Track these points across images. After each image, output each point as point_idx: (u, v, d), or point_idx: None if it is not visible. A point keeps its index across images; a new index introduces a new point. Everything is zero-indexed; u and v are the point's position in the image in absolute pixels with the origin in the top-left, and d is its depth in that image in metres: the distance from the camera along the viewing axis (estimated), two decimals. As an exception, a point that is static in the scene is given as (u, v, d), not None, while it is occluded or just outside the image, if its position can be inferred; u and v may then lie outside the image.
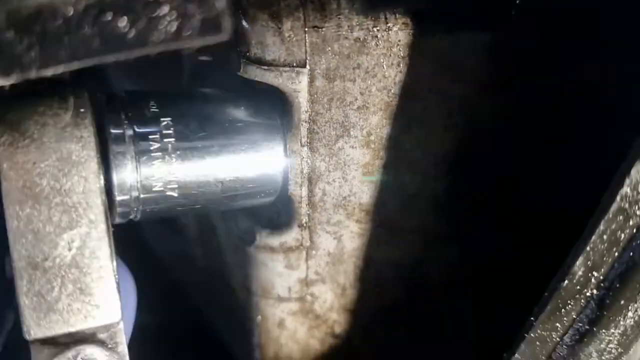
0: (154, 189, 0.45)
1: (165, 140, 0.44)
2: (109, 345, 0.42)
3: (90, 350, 0.41)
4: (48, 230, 0.39)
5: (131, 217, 0.48)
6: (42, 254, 0.39)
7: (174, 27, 0.32)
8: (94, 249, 0.40)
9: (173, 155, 0.45)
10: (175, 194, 0.46)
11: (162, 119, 0.45)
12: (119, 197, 0.45)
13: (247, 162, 0.48)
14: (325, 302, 0.60)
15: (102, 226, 0.40)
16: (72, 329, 0.40)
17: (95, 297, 0.40)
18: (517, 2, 0.45)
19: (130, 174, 0.44)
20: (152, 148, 0.44)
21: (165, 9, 0.32)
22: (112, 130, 0.44)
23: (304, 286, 0.58)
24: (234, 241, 0.59)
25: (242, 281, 0.60)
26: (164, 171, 0.45)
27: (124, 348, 0.42)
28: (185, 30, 0.32)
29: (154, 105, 0.45)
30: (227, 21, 0.32)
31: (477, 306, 0.59)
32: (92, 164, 0.40)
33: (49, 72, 0.34)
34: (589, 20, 0.46)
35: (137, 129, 0.44)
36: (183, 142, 0.45)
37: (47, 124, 0.40)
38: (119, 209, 0.46)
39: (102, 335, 0.42)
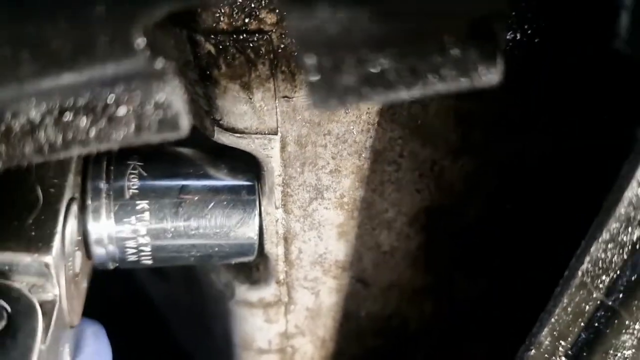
0: (128, 260, 0.47)
1: (140, 223, 0.47)
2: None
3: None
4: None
5: (109, 267, 0.50)
6: None
7: (132, 126, 0.33)
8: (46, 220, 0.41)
9: (147, 237, 0.47)
10: (150, 262, 0.48)
11: (138, 202, 0.47)
12: (94, 249, 0.48)
13: (221, 232, 0.49)
14: (305, 354, 0.60)
15: (60, 190, 0.42)
16: None
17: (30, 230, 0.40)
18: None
19: (105, 236, 0.47)
20: (125, 229, 0.47)
21: (123, 110, 0.33)
22: (90, 204, 0.47)
23: (284, 339, 0.59)
24: (215, 293, 0.60)
25: (223, 332, 0.61)
26: (137, 248, 0.47)
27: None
28: (144, 129, 0.33)
29: (134, 185, 0.47)
30: (184, 120, 0.33)
31: (452, 356, 0.60)
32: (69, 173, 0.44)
33: (13, 165, 0.35)
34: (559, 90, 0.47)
35: (115, 212, 0.47)
36: (156, 226, 0.47)
37: None
38: (94, 259, 0.49)
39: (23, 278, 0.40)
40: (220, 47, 0.45)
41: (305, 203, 0.51)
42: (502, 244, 0.54)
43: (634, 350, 0.43)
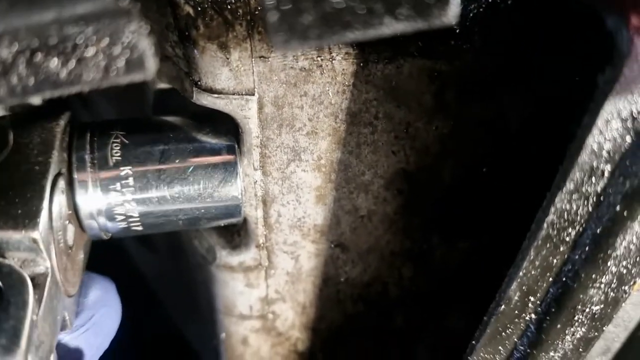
0: (119, 227, 0.49)
1: (125, 189, 0.48)
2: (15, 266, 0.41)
3: None
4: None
5: (103, 237, 0.52)
6: None
7: (101, 67, 0.34)
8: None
9: (133, 203, 0.48)
10: (140, 228, 0.50)
11: (122, 168, 0.48)
12: (85, 221, 0.49)
13: (205, 194, 0.50)
14: (286, 320, 0.61)
15: (45, 167, 0.44)
16: None
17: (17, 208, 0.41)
18: (457, 31, 0.46)
19: (93, 207, 0.49)
20: (112, 197, 0.48)
21: (92, 50, 0.34)
22: (76, 176, 0.48)
23: (265, 304, 0.60)
24: (198, 260, 0.61)
25: (207, 298, 0.62)
26: (125, 215, 0.48)
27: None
28: (112, 70, 0.34)
29: (117, 153, 0.48)
30: (150, 61, 0.34)
31: (432, 319, 0.60)
32: (57, 130, 0.46)
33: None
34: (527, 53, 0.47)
35: (100, 180, 0.48)
36: (141, 191, 0.48)
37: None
38: (87, 232, 0.50)
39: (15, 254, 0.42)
40: (199, 8, 0.46)
41: (283, 165, 0.52)
42: (478, 207, 0.55)
43: (602, 305, 0.43)
